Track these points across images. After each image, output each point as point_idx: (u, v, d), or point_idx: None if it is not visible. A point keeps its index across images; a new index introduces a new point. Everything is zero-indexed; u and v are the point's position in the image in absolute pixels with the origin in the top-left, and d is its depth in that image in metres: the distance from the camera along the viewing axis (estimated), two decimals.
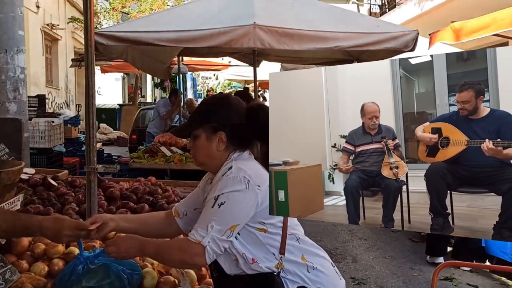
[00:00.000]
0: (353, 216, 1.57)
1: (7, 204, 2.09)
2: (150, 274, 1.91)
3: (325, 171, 1.66)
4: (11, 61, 4.90)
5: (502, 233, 1.30)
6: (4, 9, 4.86)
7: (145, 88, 27.82)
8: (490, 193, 1.36)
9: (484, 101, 1.34)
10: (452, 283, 4.49)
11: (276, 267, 1.62)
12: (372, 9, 18.01)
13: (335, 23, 5.36)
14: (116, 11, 17.27)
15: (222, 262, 1.66)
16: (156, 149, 6.14)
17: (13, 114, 4.84)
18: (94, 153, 2.49)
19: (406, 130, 1.50)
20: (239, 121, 1.71)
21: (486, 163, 1.34)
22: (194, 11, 5.58)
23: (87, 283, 1.70)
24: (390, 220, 1.52)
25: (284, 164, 1.64)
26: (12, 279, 1.70)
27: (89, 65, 2.46)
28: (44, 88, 13.39)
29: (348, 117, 1.63)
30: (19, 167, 2.17)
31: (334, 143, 1.66)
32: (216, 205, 1.59)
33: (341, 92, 1.65)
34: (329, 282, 1.68)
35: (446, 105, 1.39)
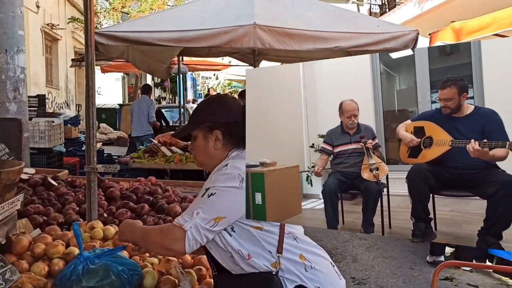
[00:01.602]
0: (331, 220, 1.50)
1: (7, 204, 2.09)
2: (150, 274, 1.91)
3: (303, 173, 1.59)
4: (11, 61, 4.90)
5: (487, 240, 1.23)
6: (4, 9, 4.86)
7: None
8: (474, 196, 1.29)
9: (468, 98, 1.27)
10: (452, 283, 4.48)
11: (273, 265, 1.61)
12: (372, 9, 18.01)
13: (335, 23, 5.36)
14: (116, 11, 17.27)
15: (219, 259, 1.66)
16: (156, 149, 6.14)
17: (13, 114, 4.85)
18: (94, 153, 2.49)
19: (386, 129, 1.42)
20: (235, 119, 1.72)
21: (471, 164, 1.26)
22: (194, 11, 5.59)
23: (87, 283, 1.69)
24: (370, 225, 1.45)
25: (261, 165, 1.58)
26: (12, 279, 1.70)
27: (89, 65, 2.47)
28: (44, 88, 13.39)
29: (326, 115, 1.56)
30: (19, 167, 2.17)
31: (312, 143, 1.59)
32: (206, 195, 1.61)
33: (319, 89, 1.57)
34: (328, 282, 1.67)
35: (428, 102, 1.32)
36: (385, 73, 1.40)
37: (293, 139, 1.65)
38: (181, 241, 1.55)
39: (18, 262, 1.98)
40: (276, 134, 1.66)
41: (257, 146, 1.59)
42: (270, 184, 1.54)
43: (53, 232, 2.32)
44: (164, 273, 2.02)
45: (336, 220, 1.51)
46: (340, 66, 1.57)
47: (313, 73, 1.57)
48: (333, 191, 1.53)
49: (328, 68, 1.58)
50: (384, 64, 1.40)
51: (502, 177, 1.21)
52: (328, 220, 1.50)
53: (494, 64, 1.20)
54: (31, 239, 2.19)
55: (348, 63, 1.59)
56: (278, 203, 1.56)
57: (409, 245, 5.60)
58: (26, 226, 2.43)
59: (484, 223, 1.22)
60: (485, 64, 1.19)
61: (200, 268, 2.08)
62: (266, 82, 1.63)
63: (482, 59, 1.19)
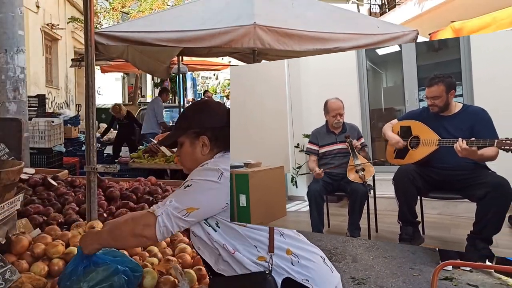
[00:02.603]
0: (316, 223, 1.45)
1: (7, 204, 2.09)
2: (150, 274, 1.91)
3: (288, 174, 1.54)
4: (11, 61, 4.90)
5: (476, 244, 1.17)
6: (4, 9, 4.86)
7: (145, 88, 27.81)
8: (463, 199, 1.24)
9: (456, 95, 1.22)
10: (452, 283, 4.49)
11: (260, 259, 1.61)
12: (372, 9, 18.02)
13: (335, 24, 5.36)
14: (116, 11, 17.27)
15: (208, 259, 1.67)
16: (156, 149, 6.14)
17: (13, 114, 4.85)
18: (94, 153, 2.49)
19: (373, 129, 1.37)
20: (220, 124, 1.71)
21: (459, 165, 1.21)
22: (194, 11, 5.58)
23: (88, 283, 1.69)
24: (356, 229, 1.40)
25: (245, 166, 1.54)
26: (12, 279, 1.70)
27: (89, 65, 2.46)
28: (44, 88, 13.38)
29: (311, 114, 1.51)
30: (19, 167, 2.17)
31: (297, 143, 1.54)
32: (183, 187, 1.62)
33: (304, 86, 1.52)
34: (318, 275, 1.66)
35: (415, 100, 1.27)
36: (372, 70, 1.36)
37: (277, 139, 1.60)
38: (151, 227, 1.56)
39: (18, 262, 1.98)
40: (260, 133, 1.61)
41: (241, 146, 1.55)
42: (254, 185, 1.50)
43: (53, 232, 2.32)
44: (164, 273, 2.02)
45: (322, 224, 1.46)
46: (325, 63, 1.51)
47: (298, 70, 1.52)
48: (318, 193, 1.48)
49: (313, 65, 1.53)
50: (370, 60, 1.35)
51: (492, 178, 1.16)
52: (313, 223, 1.45)
53: (484, 60, 1.15)
54: (31, 239, 2.19)
55: (334, 60, 1.52)
56: (262, 205, 1.51)
57: (409, 245, 5.60)
58: (26, 226, 2.43)
59: (474, 227, 1.17)
60: (474, 60, 1.15)
61: (200, 268, 2.08)
62: (251, 80, 1.58)
63: (472, 55, 1.15)
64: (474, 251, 1.20)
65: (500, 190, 1.13)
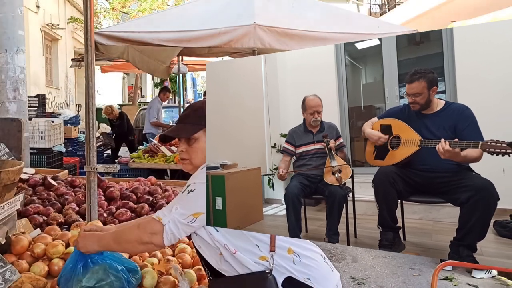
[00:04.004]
0: (294, 228, 1.38)
1: (7, 204, 2.09)
2: (150, 274, 1.91)
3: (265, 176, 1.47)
4: (11, 61, 4.90)
5: (459, 252, 1.10)
6: (4, 9, 4.86)
7: (145, 88, 27.82)
8: (446, 203, 1.16)
9: (438, 92, 1.15)
10: (452, 283, 4.48)
11: (262, 258, 1.61)
12: (372, 9, 18.02)
13: (335, 24, 5.37)
14: (116, 11, 17.28)
15: (209, 258, 1.66)
16: (156, 149, 6.14)
17: (13, 114, 4.85)
18: (94, 153, 2.49)
19: (352, 128, 1.30)
20: None
21: (441, 167, 1.13)
22: (194, 11, 5.59)
23: (87, 283, 1.69)
24: (334, 234, 1.32)
25: (221, 167, 1.48)
26: (12, 279, 1.70)
27: (89, 65, 2.46)
28: (44, 88, 13.39)
29: (289, 112, 1.43)
30: (19, 167, 2.17)
31: (274, 143, 1.47)
32: (186, 191, 1.61)
33: (281, 83, 1.45)
34: (318, 274, 1.66)
35: (396, 97, 1.20)
36: (351, 65, 1.29)
37: (254, 138, 1.53)
38: (159, 235, 1.57)
39: (18, 262, 1.98)
40: (237, 133, 1.54)
41: (218, 146, 1.49)
42: (231, 188, 1.44)
43: (52, 232, 2.32)
44: (164, 273, 2.02)
45: (299, 228, 1.40)
46: (303, 58, 1.44)
47: (275, 66, 1.45)
48: (295, 196, 1.40)
49: (291, 61, 1.45)
50: (349, 55, 1.28)
51: (477, 181, 1.09)
52: (290, 228, 1.38)
53: (468, 54, 1.09)
54: (30, 239, 2.19)
55: (312, 55, 1.44)
56: (239, 209, 1.46)
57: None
58: (26, 226, 2.43)
59: (457, 233, 1.10)
60: (457, 54, 1.08)
61: (200, 268, 2.08)
62: (227, 77, 1.50)
63: (455, 48, 1.08)
64: (457, 259, 1.12)
65: (485, 193, 1.06)
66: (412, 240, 1.19)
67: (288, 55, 1.56)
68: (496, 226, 1.07)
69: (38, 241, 2.16)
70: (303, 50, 1.56)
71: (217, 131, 1.48)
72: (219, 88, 1.50)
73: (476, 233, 1.08)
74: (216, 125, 1.47)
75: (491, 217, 1.06)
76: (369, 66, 1.31)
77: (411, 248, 1.19)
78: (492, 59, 1.05)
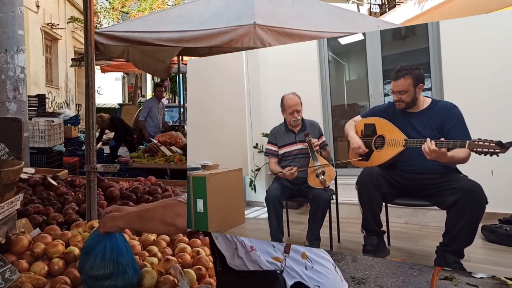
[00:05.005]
0: (276, 232, 1.33)
1: (7, 203, 2.09)
2: (149, 274, 1.91)
3: (246, 177, 1.41)
4: (11, 61, 4.90)
5: (446, 258, 1.04)
6: (4, 8, 4.86)
7: (145, 88, 27.81)
8: (432, 206, 1.11)
9: (424, 89, 1.10)
10: (452, 283, 4.49)
11: (275, 259, 1.60)
12: (372, 9, 18.02)
13: (335, 23, 5.36)
14: (116, 11, 17.28)
15: (224, 250, 1.61)
16: (156, 149, 6.14)
17: (13, 114, 4.85)
18: (94, 152, 2.49)
19: (335, 127, 1.25)
20: None
21: (427, 168, 1.08)
22: (194, 11, 5.59)
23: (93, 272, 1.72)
24: (316, 239, 1.28)
25: (203, 168, 1.42)
26: (12, 279, 1.70)
27: (89, 65, 2.46)
28: (44, 88, 13.40)
29: (270, 110, 1.37)
30: (19, 166, 2.17)
31: (256, 143, 1.42)
32: None
33: (263, 81, 1.39)
34: (329, 283, 1.66)
35: (380, 95, 1.14)
36: (334, 61, 1.23)
37: (236, 138, 1.47)
38: (183, 217, 1.53)
39: (18, 261, 1.98)
40: (218, 132, 1.48)
41: (199, 146, 1.44)
42: (212, 189, 1.37)
43: (52, 232, 2.32)
44: (163, 272, 2.02)
45: (281, 232, 1.34)
46: (286, 54, 1.37)
47: (257, 62, 1.39)
48: (277, 198, 1.34)
49: (273, 57, 1.39)
50: (332, 51, 1.23)
51: (464, 183, 1.04)
52: (272, 232, 1.33)
53: (455, 49, 1.03)
54: (30, 239, 2.19)
55: (295, 51, 1.38)
56: (220, 212, 1.40)
57: None
58: (26, 225, 2.43)
59: (443, 238, 1.05)
60: (444, 50, 1.03)
61: (199, 267, 2.08)
62: (208, 74, 1.45)
63: (441, 43, 1.03)
64: (444, 265, 1.07)
65: (473, 196, 1.01)
66: (397, 245, 1.13)
67: (270, 51, 1.51)
68: (484, 231, 1.03)
69: (38, 240, 2.16)
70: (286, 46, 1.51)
71: (198, 130, 1.43)
72: (200, 86, 1.45)
73: (464, 238, 1.03)
74: (198, 124, 1.42)
75: (479, 221, 1.02)
76: (352, 62, 1.27)
77: (396, 253, 1.13)
78: (480, 54, 1.00)
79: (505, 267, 0.97)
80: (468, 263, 1.03)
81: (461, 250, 1.04)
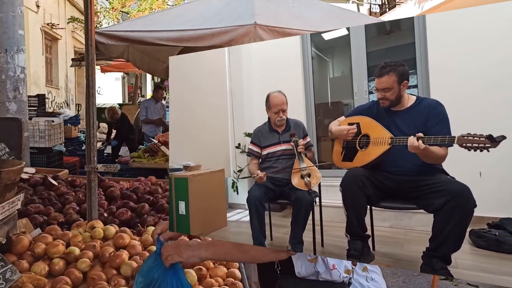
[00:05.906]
0: (258, 235, 1.27)
1: (8, 203, 2.08)
2: None
3: (229, 178, 1.37)
4: (11, 61, 4.90)
5: (433, 264, 0.99)
6: (4, 8, 4.85)
7: (145, 88, 27.79)
8: (418, 209, 1.05)
9: (410, 86, 1.06)
10: (453, 283, 4.48)
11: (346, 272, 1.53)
12: (372, 9, 18.03)
13: (335, 23, 5.35)
14: (116, 11, 17.27)
15: (295, 259, 1.40)
16: (156, 149, 6.14)
17: (13, 114, 4.85)
18: (94, 152, 2.49)
19: (318, 126, 1.20)
20: None
21: (414, 169, 1.03)
22: (195, 11, 5.58)
23: None
24: (299, 243, 1.22)
25: (184, 169, 1.38)
26: (13, 279, 1.70)
27: (89, 65, 2.46)
28: (44, 88, 13.39)
29: (253, 109, 1.33)
30: (20, 166, 2.17)
31: (238, 143, 1.37)
32: None
33: (246, 78, 1.35)
34: None
35: (365, 93, 1.10)
36: (317, 57, 1.19)
37: (218, 138, 1.43)
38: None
39: (19, 261, 1.98)
40: (200, 132, 1.44)
41: (181, 146, 1.40)
42: (194, 191, 1.32)
43: (53, 232, 2.32)
44: None
45: (263, 235, 1.28)
46: (269, 50, 1.32)
47: (240, 59, 1.34)
48: (258, 200, 1.28)
49: (256, 54, 1.34)
50: (316, 47, 1.18)
51: (452, 186, 0.98)
52: (254, 235, 1.27)
53: (442, 44, 0.98)
54: (31, 239, 2.19)
55: (278, 47, 1.32)
56: (202, 214, 1.35)
57: None
58: (27, 225, 2.43)
59: (430, 242, 1.00)
60: (430, 44, 0.98)
61: (200, 268, 2.07)
62: (190, 72, 1.40)
63: (427, 38, 0.98)
64: (430, 272, 1.01)
65: (461, 199, 0.96)
66: (382, 250, 1.09)
67: (253, 47, 1.47)
68: (472, 236, 0.98)
69: (38, 240, 2.16)
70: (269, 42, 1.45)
71: (180, 130, 1.39)
72: (182, 84, 1.40)
73: (451, 243, 0.98)
74: (179, 123, 1.38)
75: (467, 226, 0.97)
76: (336, 58, 1.22)
77: (381, 259, 1.08)
78: (467, 49, 0.96)
79: (493, 274, 0.93)
80: (456, 269, 0.98)
81: (448, 256, 0.99)
